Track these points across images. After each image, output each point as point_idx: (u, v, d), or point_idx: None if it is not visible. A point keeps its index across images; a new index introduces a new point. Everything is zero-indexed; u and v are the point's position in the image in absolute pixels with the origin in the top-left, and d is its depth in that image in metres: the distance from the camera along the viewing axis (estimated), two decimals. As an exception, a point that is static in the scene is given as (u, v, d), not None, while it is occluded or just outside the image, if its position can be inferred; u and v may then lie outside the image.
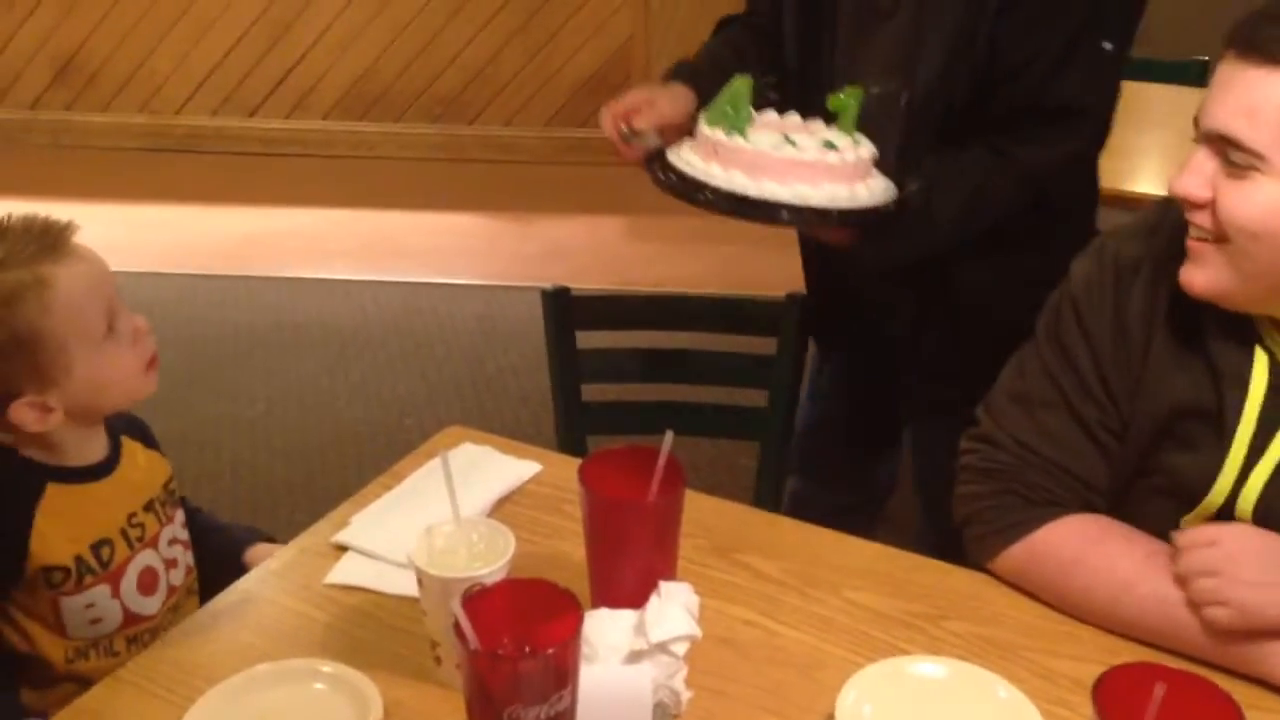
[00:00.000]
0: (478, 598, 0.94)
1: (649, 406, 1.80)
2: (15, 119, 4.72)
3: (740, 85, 1.38)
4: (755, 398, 1.82)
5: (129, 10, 4.54)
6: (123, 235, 3.63)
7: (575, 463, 1.47)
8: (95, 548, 1.25)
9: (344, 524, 1.33)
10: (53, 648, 1.26)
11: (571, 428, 1.79)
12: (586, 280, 3.18)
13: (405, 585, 1.24)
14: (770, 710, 1.08)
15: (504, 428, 1.82)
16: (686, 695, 1.07)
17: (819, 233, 1.52)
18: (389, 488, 1.40)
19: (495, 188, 4.48)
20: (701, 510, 1.31)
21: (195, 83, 4.65)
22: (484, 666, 0.91)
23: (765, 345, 1.80)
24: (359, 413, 3.12)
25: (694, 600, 1.11)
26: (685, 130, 1.48)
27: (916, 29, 1.46)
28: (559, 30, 4.48)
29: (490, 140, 4.65)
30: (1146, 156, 2.47)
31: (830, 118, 1.44)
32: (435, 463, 1.42)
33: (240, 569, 1.33)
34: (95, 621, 1.26)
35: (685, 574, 1.18)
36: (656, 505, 1.10)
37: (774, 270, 1.91)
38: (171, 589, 1.33)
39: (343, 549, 1.30)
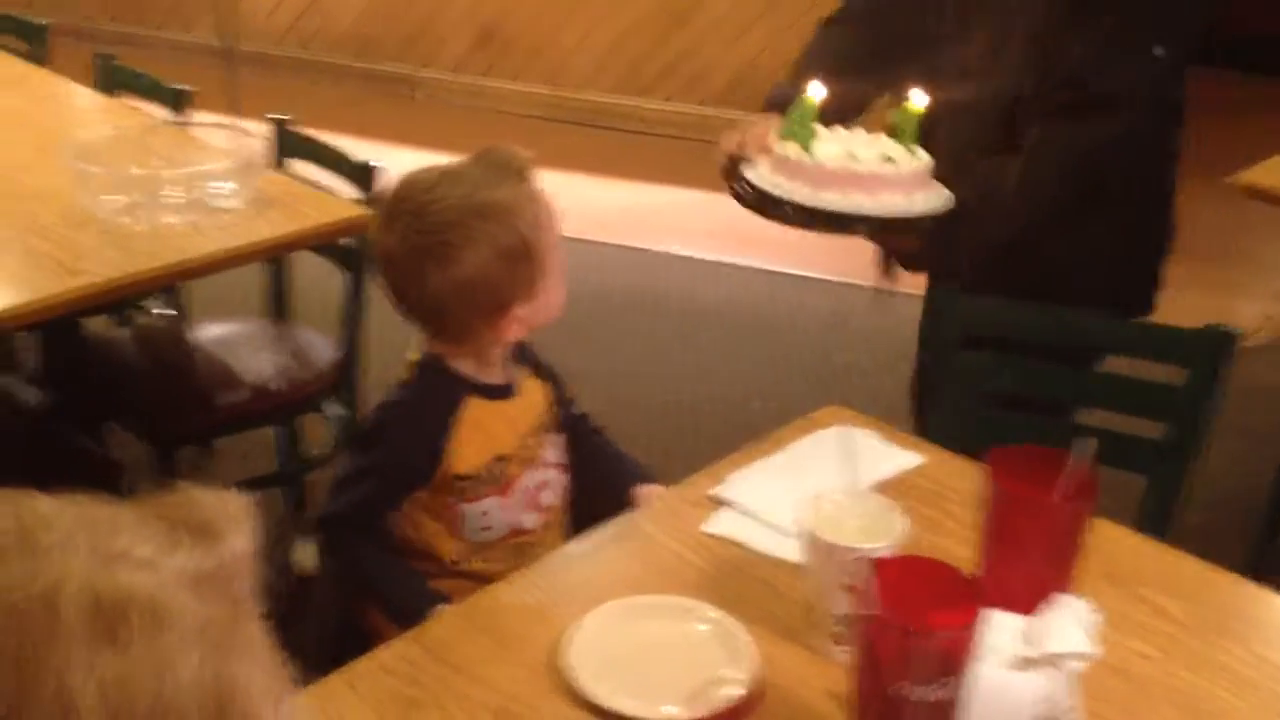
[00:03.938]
0: (880, 565, 0.93)
1: (1027, 421, 1.71)
2: (440, 79, 5.20)
3: (808, 103, 1.47)
4: (1143, 428, 1.70)
5: (549, -13, 4.88)
6: (517, 194, 3.92)
7: (957, 460, 1.44)
8: (498, 461, 1.35)
9: (720, 479, 1.37)
10: (444, 547, 1.37)
11: (946, 430, 1.73)
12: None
13: (778, 547, 1.26)
14: (1165, 753, 1.00)
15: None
16: (1072, 718, 1.01)
17: (883, 240, 1.64)
18: (767, 453, 1.42)
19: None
20: (1096, 533, 1.23)
21: (596, 61, 4.92)
22: (878, 633, 0.90)
23: (1153, 372, 1.68)
24: (705, 386, 3.20)
25: (1093, 620, 1.04)
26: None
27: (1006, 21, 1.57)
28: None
29: (866, 141, 4.62)
30: None
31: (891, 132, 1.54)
32: (818, 434, 1.44)
33: (622, 499, 1.40)
34: (485, 529, 1.36)
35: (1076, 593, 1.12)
36: (1065, 511, 1.05)
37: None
38: (547, 508, 1.42)
39: (719, 502, 1.33)
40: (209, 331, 2.31)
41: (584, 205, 4.30)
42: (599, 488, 1.46)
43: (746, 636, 1.10)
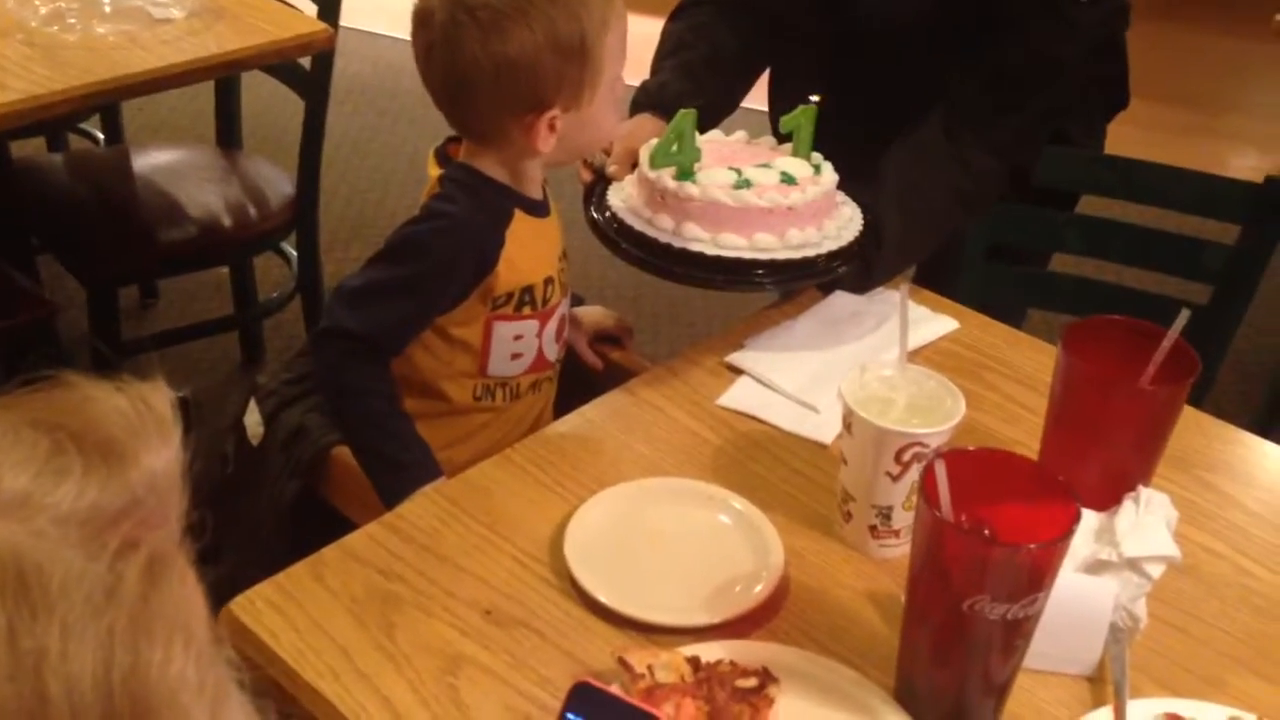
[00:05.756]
0: (952, 459, 0.79)
1: (1069, 281, 1.57)
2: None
3: (685, 119, 1.19)
4: (1191, 291, 1.56)
5: None
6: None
7: (996, 325, 1.30)
8: (545, 283, 1.22)
9: (739, 346, 1.22)
10: (465, 380, 1.23)
11: (969, 291, 1.58)
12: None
13: (803, 423, 1.12)
14: (1245, 664, 0.89)
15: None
16: (1144, 623, 0.89)
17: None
18: (790, 316, 1.27)
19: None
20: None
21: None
22: (953, 542, 0.76)
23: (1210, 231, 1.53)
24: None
25: (1174, 516, 0.92)
26: None
27: None
28: None
29: None
30: None
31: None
32: (846, 296, 1.28)
33: None
34: (516, 356, 1.23)
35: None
36: (1155, 395, 0.91)
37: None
38: (564, 342, 1.30)
39: (736, 371, 1.19)
40: (151, 159, 2.10)
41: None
42: None
43: (772, 532, 0.96)
